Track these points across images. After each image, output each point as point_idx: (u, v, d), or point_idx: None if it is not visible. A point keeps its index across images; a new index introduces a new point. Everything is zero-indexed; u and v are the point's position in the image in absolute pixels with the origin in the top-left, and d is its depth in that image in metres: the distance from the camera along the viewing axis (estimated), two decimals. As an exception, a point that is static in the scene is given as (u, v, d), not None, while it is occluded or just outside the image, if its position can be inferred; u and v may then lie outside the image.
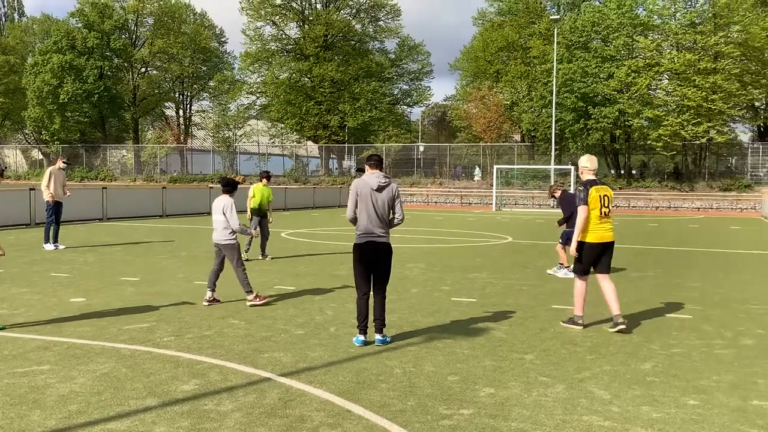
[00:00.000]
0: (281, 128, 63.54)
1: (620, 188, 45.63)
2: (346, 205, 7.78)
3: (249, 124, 67.45)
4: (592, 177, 8.46)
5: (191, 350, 7.23)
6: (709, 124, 42.24)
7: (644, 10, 46.54)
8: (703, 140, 43.08)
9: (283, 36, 62.32)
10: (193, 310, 9.30)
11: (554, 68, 44.58)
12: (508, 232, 23.71)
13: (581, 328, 8.41)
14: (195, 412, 5.38)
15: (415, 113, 75.96)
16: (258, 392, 5.87)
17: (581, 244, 8.38)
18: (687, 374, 6.61)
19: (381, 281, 7.64)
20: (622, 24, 44.81)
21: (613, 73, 44.48)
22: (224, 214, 9.51)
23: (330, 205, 41.30)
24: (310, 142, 64.56)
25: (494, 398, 5.81)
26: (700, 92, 41.77)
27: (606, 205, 8.35)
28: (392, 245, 7.73)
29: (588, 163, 8.54)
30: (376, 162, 7.73)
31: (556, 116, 45.09)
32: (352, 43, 62.21)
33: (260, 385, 6.08)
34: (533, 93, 52.71)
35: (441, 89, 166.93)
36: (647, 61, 44.55)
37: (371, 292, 7.63)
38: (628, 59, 45.17)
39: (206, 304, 9.68)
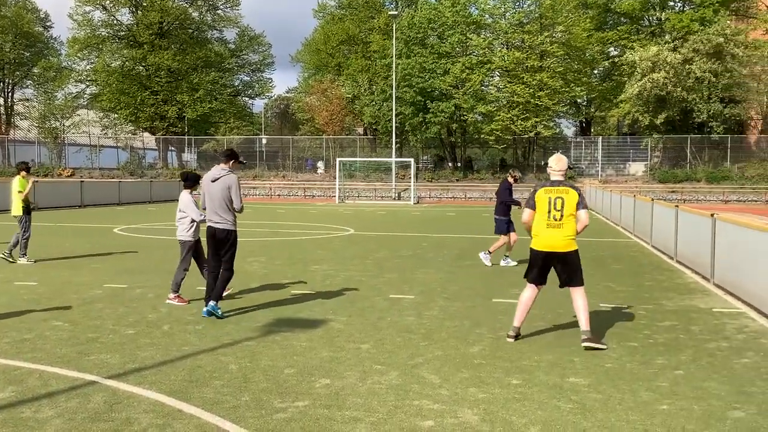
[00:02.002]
0: (114, 119, 60.41)
1: (457, 180, 47.44)
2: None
3: (78, 114, 63.52)
4: (559, 178, 7.57)
5: (7, 355, 6.74)
6: (537, 119, 44.81)
7: (477, 9, 48.54)
8: (531, 134, 45.65)
9: (115, 22, 59.26)
10: (10, 313, 8.65)
11: (393, 63, 45.51)
12: (350, 224, 23.98)
13: (512, 340, 7.56)
14: (11, 421, 5.02)
15: (258, 105, 74.89)
16: (81, 397, 5.56)
17: (530, 249, 7.70)
18: (511, 355, 6.99)
19: (225, 261, 8.64)
20: (457, 22, 46.49)
21: (449, 69, 46.06)
22: (181, 210, 9.51)
23: (169, 199, 39.81)
24: (146, 134, 61.91)
25: (329, 388, 5.86)
26: (528, 89, 44.19)
27: (558, 208, 7.37)
28: (234, 233, 8.68)
29: (553, 164, 7.64)
30: (224, 156, 8.73)
31: (396, 110, 46.09)
32: (190, 31, 60.26)
33: (84, 389, 5.77)
34: (374, 87, 53.54)
35: (283, 81, 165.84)
36: (480, 58, 46.53)
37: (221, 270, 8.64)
38: (463, 56, 46.95)
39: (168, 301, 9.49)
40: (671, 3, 48.49)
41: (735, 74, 42.28)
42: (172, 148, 60.87)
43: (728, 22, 46.03)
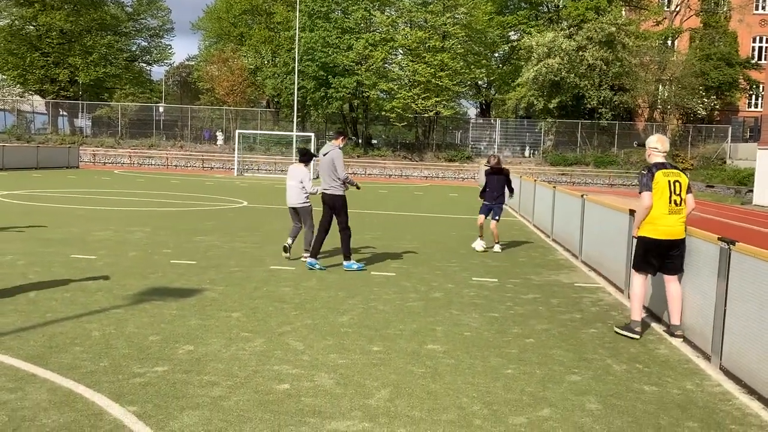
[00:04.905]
0: (1, 80, 57.20)
1: (358, 156, 47.69)
2: (77, 167, 8.99)
3: (-39, 74, 59.87)
4: (662, 160, 7.13)
5: None
6: (437, 99, 45.50)
7: (381, -15, 48.61)
8: (432, 114, 46.36)
9: (4, -22, 55.96)
10: None
11: (297, 36, 45.12)
12: (246, 197, 23.82)
13: (638, 337, 7.10)
14: None
15: (158, 72, 72.59)
16: (-70, 362, 5.44)
17: (641, 239, 7.15)
18: (377, 324, 7.26)
19: (339, 222, 10.36)
20: (361, -3, 46.48)
21: (352, 45, 46.06)
22: (302, 182, 11.05)
23: (58, 165, 38.26)
24: (36, 97, 58.98)
25: (192, 355, 5.95)
26: (429, 69, 44.76)
27: (677, 192, 6.93)
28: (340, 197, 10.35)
29: (658, 145, 7.15)
30: (336, 134, 10.80)
31: (298, 84, 45.78)
32: (84, -9, 57.66)
33: (-65, 354, 5.64)
34: (277, 59, 52.89)
35: (184, 48, 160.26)
36: (383, 35, 46.74)
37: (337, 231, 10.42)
38: (366, 33, 47.03)
39: (303, 259, 10.84)
40: (569, -9, 49.98)
41: (625, 63, 44.15)
42: (64, 113, 58.29)
43: (621, 12, 47.96)
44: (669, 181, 6.94)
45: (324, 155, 10.40)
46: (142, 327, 6.72)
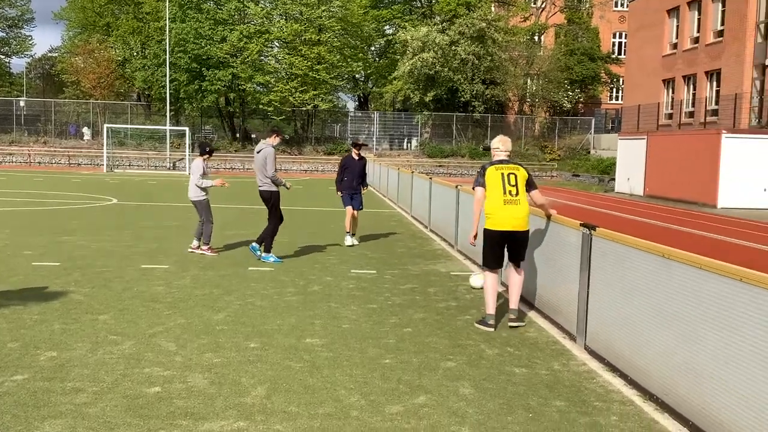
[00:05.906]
0: None
1: (236, 151, 46.77)
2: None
3: None
4: (505, 157, 7.25)
5: None
6: (315, 92, 45.29)
7: (254, -24, 47.77)
8: (310, 107, 46.12)
9: None
10: None
11: (167, 27, 43.66)
12: (115, 194, 22.85)
13: (493, 329, 7.07)
14: None
15: (18, 65, 68.38)
16: None
17: (485, 232, 7.21)
18: (254, 321, 7.14)
19: (269, 215, 10.72)
20: (234, -12, 45.52)
21: (226, 36, 45.06)
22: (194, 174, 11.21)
23: None
24: None
25: (54, 361, 5.63)
26: (306, 62, 44.48)
27: (513, 183, 7.02)
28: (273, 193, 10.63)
29: (499, 145, 7.29)
30: (269, 132, 10.90)
31: (170, 76, 44.34)
32: (-69, -23, 53.49)
33: None
34: (147, 51, 51.00)
35: (46, 40, 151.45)
36: (258, 27, 45.99)
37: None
38: (241, 24, 46.14)
39: (190, 251, 11.24)
40: (441, -14, 51.01)
41: (495, 58, 45.53)
42: None
43: (491, 8, 49.42)
44: (502, 174, 7.04)
45: (258, 153, 10.59)
46: (0, 333, 6.29)
